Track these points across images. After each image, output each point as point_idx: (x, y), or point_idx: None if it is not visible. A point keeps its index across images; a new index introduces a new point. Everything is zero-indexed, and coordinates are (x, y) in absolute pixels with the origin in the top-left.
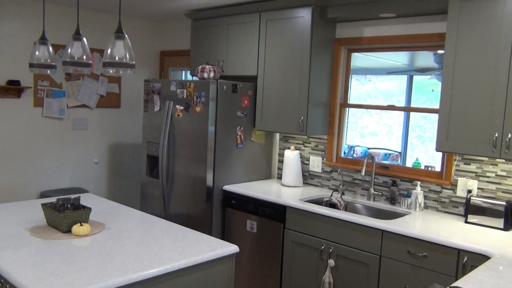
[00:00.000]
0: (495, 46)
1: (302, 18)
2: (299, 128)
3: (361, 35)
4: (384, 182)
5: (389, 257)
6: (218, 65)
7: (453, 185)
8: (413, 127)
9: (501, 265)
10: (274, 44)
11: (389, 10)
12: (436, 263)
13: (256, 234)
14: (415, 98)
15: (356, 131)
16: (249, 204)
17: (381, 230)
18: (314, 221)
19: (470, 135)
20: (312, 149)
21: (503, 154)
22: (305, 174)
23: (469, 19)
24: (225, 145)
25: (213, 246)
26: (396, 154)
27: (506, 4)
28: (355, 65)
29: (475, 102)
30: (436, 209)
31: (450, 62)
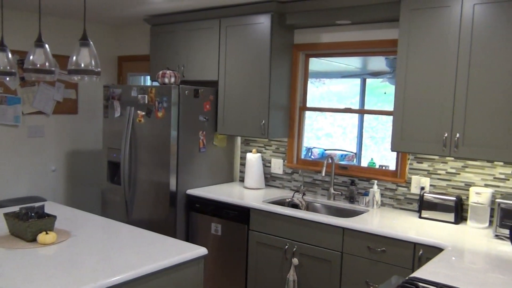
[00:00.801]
0: (443, 52)
1: (261, 24)
2: (261, 131)
3: (318, 41)
4: (343, 182)
5: (350, 253)
6: (178, 70)
7: (407, 183)
8: (366, 128)
9: (453, 256)
10: (235, 50)
11: (345, 18)
12: (394, 256)
13: (220, 237)
14: (368, 100)
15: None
16: (213, 207)
17: (342, 228)
18: (277, 221)
19: (422, 135)
20: (273, 151)
21: (452, 153)
22: (267, 176)
23: (419, 27)
24: (187, 150)
25: (181, 249)
26: (352, 155)
27: (452, 13)
28: (310, 69)
29: (426, 105)
30: (392, 206)
31: (403, 67)
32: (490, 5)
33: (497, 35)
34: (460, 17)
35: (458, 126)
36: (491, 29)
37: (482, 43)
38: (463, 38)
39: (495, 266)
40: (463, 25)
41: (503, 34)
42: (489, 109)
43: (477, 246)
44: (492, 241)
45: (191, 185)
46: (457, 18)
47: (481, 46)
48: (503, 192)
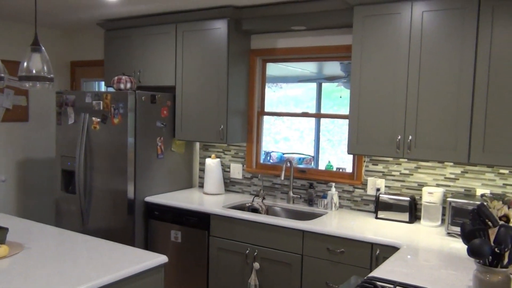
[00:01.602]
0: (395, 57)
1: (218, 29)
2: (219, 136)
3: (275, 46)
4: (302, 185)
5: (310, 255)
6: (134, 75)
7: (364, 185)
8: (323, 131)
9: (408, 254)
10: (192, 55)
11: (300, 24)
12: (353, 257)
13: (180, 244)
14: (324, 103)
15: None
16: (172, 214)
17: (301, 231)
18: (238, 226)
19: (377, 138)
20: (233, 156)
21: (405, 154)
22: (226, 182)
23: (372, 33)
24: (145, 156)
25: (140, 258)
26: (310, 158)
27: (402, 20)
28: (267, 74)
29: (380, 108)
30: (350, 207)
31: (357, 72)
32: (438, 13)
33: (444, 41)
34: (410, 24)
35: (410, 128)
36: (439, 35)
37: (430, 48)
38: (413, 44)
39: (447, 262)
40: (413, 31)
41: (450, 40)
42: (439, 112)
43: (431, 244)
44: (445, 239)
45: (149, 192)
46: (407, 25)
47: (430, 52)
48: (454, 191)
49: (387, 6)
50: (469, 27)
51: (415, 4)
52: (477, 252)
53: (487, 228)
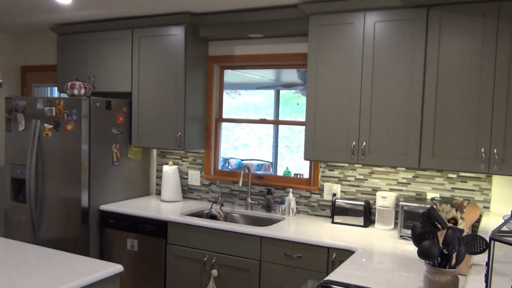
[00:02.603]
0: (349, 65)
1: (175, 36)
2: (177, 143)
3: (232, 53)
4: (260, 191)
5: (268, 261)
6: (89, 81)
7: (320, 190)
8: (282, 138)
9: (363, 257)
10: (148, 61)
11: (257, 31)
12: (310, 262)
13: (137, 253)
14: (282, 110)
15: (229, 143)
16: (129, 222)
17: (259, 237)
18: (195, 233)
19: (333, 144)
20: (190, 163)
21: (360, 160)
22: (184, 189)
23: (327, 42)
24: (100, 164)
25: (95, 268)
26: (268, 164)
27: (355, 29)
28: (226, 80)
29: (335, 115)
30: (307, 212)
31: (312, 80)
32: (389, 23)
33: (395, 51)
34: (363, 34)
35: (364, 135)
36: (390, 45)
37: (382, 58)
38: (366, 53)
39: (400, 265)
40: (366, 41)
41: (401, 50)
42: (391, 119)
43: (384, 247)
44: (398, 242)
45: (104, 200)
46: (360, 35)
47: (382, 61)
48: (406, 195)
49: (341, 15)
50: (418, 38)
51: (368, 15)
52: (426, 253)
53: (436, 231)
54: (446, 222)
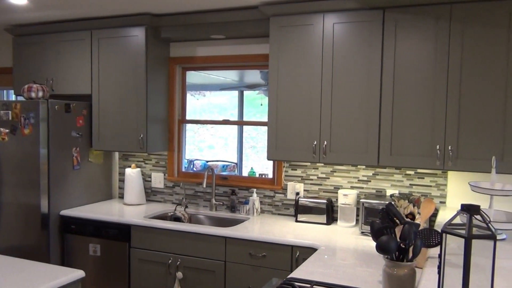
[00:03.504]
0: (310, 66)
1: (136, 37)
2: (139, 145)
3: (194, 55)
4: (224, 192)
5: (233, 261)
6: (47, 84)
7: (284, 189)
8: (247, 138)
9: (326, 254)
10: (109, 62)
11: (219, 32)
12: (274, 260)
13: (100, 257)
14: (247, 111)
15: (194, 145)
16: (91, 227)
17: (224, 237)
18: (160, 236)
19: (295, 144)
20: (154, 165)
21: (321, 159)
22: (147, 191)
23: (288, 43)
24: (60, 168)
25: (55, 275)
26: (233, 165)
27: (315, 31)
28: (190, 82)
29: (297, 115)
30: (271, 212)
31: (274, 80)
32: (347, 25)
33: (354, 52)
34: (322, 35)
35: (325, 134)
36: (349, 46)
37: (341, 58)
38: (326, 53)
39: (362, 260)
40: (325, 42)
41: (359, 51)
42: (350, 118)
43: (347, 244)
44: (359, 238)
45: (65, 205)
46: (319, 36)
47: (341, 61)
48: (366, 192)
49: (300, 17)
50: (375, 39)
51: (327, 16)
52: (384, 248)
53: (395, 226)
54: (404, 217)
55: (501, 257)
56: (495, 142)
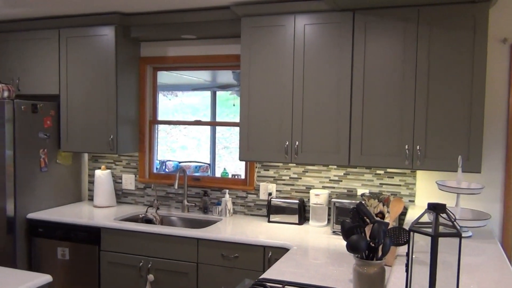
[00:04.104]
0: (281, 67)
1: (105, 36)
2: (109, 146)
3: (165, 55)
4: (197, 193)
5: (205, 263)
6: (12, 83)
7: (256, 190)
8: (220, 139)
9: (298, 254)
10: (77, 62)
11: (190, 32)
12: (246, 261)
13: (69, 261)
14: (220, 111)
15: (167, 146)
16: (59, 230)
17: (196, 239)
18: (130, 239)
19: (267, 144)
20: (124, 167)
21: (293, 159)
22: (118, 193)
23: (259, 43)
24: (26, 170)
25: (21, 279)
26: (206, 166)
27: (286, 32)
28: (162, 82)
29: (268, 116)
30: (244, 213)
31: (246, 81)
32: (318, 26)
33: (325, 53)
34: (293, 36)
35: (297, 135)
36: (320, 47)
37: (313, 59)
38: (297, 54)
39: (333, 259)
40: (297, 43)
41: (329, 52)
42: (322, 119)
43: (318, 243)
44: (331, 237)
45: (32, 208)
46: (291, 37)
47: (312, 62)
48: (338, 192)
49: (272, 18)
50: (345, 40)
51: (298, 17)
52: (354, 247)
53: (365, 225)
54: (374, 216)
55: (468, 254)
56: (461, 142)
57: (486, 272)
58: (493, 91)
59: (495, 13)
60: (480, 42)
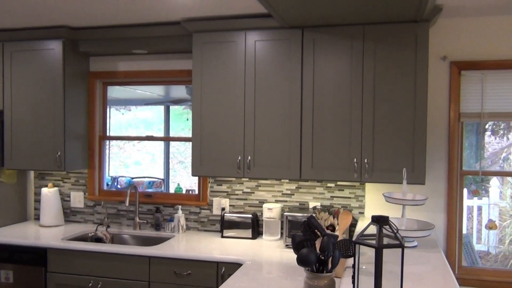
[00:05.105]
0: (233, 83)
1: (52, 50)
2: (57, 163)
3: (115, 69)
4: (149, 210)
5: (157, 281)
6: None
7: (210, 205)
8: (175, 153)
9: (251, 269)
10: (23, 77)
11: (141, 47)
12: (199, 278)
13: (13, 285)
14: (174, 126)
15: (120, 161)
16: (2, 252)
17: (147, 257)
18: (79, 259)
19: (220, 159)
20: (73, 184)
21: (246, 174)
22: (66, 212)
23: (211, 59)
24: None
25: None
26: (160, 181)
27: (237, 48)
28: (114, 96)
29: (221, 130)
30: (197, 228)
31: (198, 96)
32: (268, 42)
33: (275, 69)
34: (244, 52)
35: (249, 149)
36: (270, 63)
37: (263, 75)
38: (248, 70)
39: (286, 273)
40: (247, 59)
41: (280, 68)
42: (273, 133)
43: (271, 257)
44: (284, 251)
45: None
46: (242, 53)
47: (263, 78)
48: (290, 206)
49: (223, 34)
50: (295, 57)
51: (248, 34)
52: (304, 260)
53: (316, 238)
54: (324, 229)
55: (412, 263)
56: (406, 155)
57: (430, 280)
58: (435, 105)
59: (435, 32)
60: (422, 60)
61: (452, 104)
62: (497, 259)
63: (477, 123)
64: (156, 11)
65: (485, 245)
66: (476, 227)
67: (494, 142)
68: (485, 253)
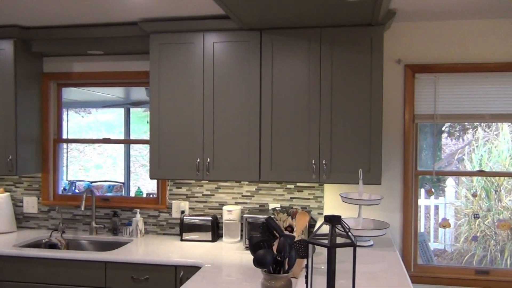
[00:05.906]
0: (191, 84)
1: (3, 50)
2: (8, 168)
3: (70, 70)
4: (106, 214)
5: (113, 287)
6: None
7: (169, 208)
8: (137, 156)
9: (210, 272)
10: None
11: (96, 48)
12: (158, 282)
13: None
14: (136, 128)
15: (80, 165)
16: None
17: (104, 262)
18: (32, 266)
19: (178, 162)
20: (26, 189)
21: (205, 176)
22: (19, 217)
23: (169, 61)
24: None
25: None
26: (120, 185)
27: (196, 49)
28: (71, 98)
29: (179, 133)
30: (156, 232)
31: (155, 98)
32: (227, 44)
33: (234, 71)
34: (203, 53)
35: (208, 152)
36: (229, 65)
37: (222, 77)
38: (207, 72)
39: (246, 275)
40: (206, 60)
41: (239, 70)
42: (232, 135)
43: (231, 260)
44: (244, 253)
45: None
46: (200, 54)
47: (222, 80)
48: (250, 207)
49: (181, 35)
50: (253, 59)
51: (207, 35)
52: (260, 261)
53: (274, 239)
54: (283, 230)
55: (367, 262)
56: (362, 156)
57: (384, 279)
58: (390, 107)
59: (390, 36)
60: (377, 63)
61: (407, 106)
62: (453, 256)
63: (433, 125)
64: (113, 11)
65: (441, 243)
66: (433, 226)
67: (451, 143)
68: (441, 251)
